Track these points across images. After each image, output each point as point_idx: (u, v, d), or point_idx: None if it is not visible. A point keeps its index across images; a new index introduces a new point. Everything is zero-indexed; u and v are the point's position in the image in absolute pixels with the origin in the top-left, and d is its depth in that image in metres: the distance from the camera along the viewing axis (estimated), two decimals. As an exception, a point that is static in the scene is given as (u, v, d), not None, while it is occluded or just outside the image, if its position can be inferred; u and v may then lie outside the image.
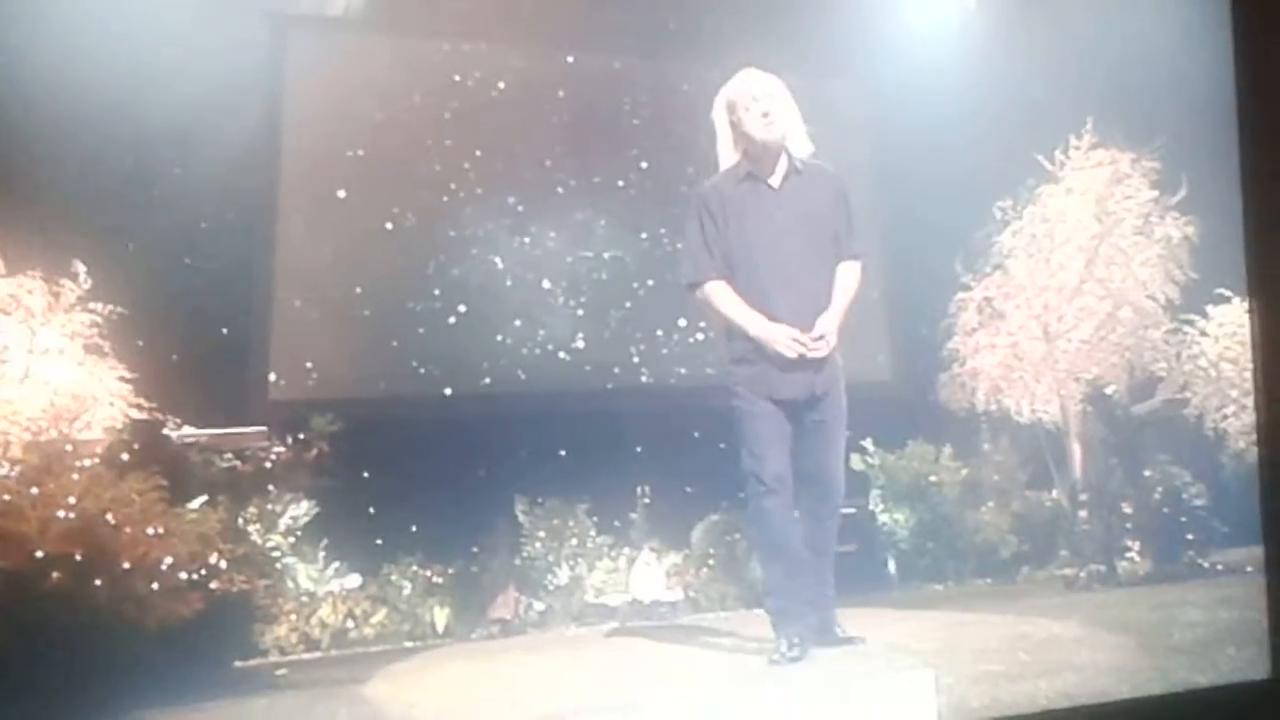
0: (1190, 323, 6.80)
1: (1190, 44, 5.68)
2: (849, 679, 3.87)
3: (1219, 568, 6.08)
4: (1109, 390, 6.76)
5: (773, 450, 4.40)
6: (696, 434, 4.47)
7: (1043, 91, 7.21)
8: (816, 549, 4.62)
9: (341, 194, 7.24)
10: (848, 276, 4.66)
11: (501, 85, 7.76)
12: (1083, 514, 6.63)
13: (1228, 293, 6.58)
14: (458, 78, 7.70)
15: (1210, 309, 6.73)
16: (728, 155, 4.66)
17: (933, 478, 7.33)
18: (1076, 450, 6.95)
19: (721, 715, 3.56)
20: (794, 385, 4.44)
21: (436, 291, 7.34)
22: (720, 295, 4.47)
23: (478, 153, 7.65)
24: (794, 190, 4.53)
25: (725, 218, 4.52)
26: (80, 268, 5.45)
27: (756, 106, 4.46)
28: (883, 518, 7.29)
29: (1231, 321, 6.60)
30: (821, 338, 4.43)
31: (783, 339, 4.32)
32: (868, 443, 7.51)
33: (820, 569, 4.64)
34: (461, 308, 7.34)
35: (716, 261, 4.44)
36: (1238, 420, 6.45)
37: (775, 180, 4.54)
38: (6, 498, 4.14)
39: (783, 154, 4.52)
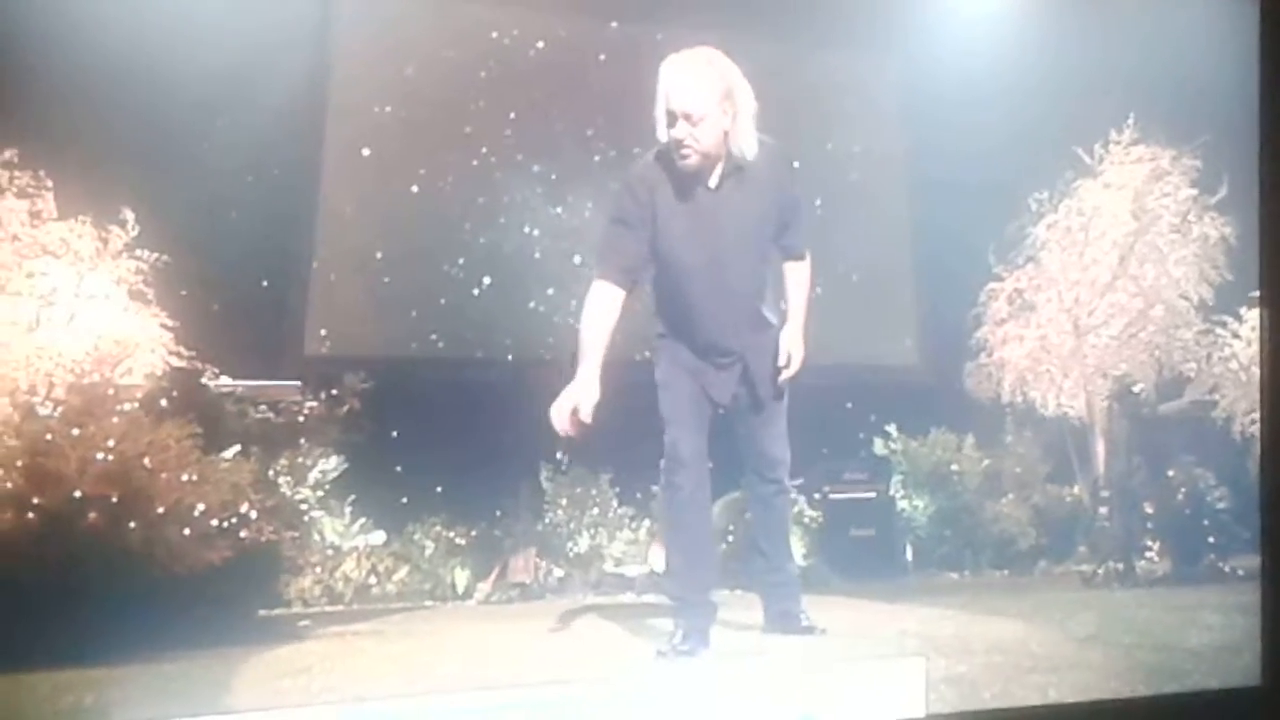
0: (1223, 324, 6.79)
1: (1234, 44, 5.66)
2: (838, 663, 3.89)
3: (1239, 573, 6.04)
4: (1136, 388, 6.75)
5: (689, 426, 4.17)
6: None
7: (1085, 84, 7.18)
8: (768, 532, 4.45)
9: (366, 152, 7.20)
10: (799, 279, 4.34)
11: (540, 45, 7.65)
12: (1103, 511, 6.65)
13: (1263, 295, 6.59)
14: (495, 34, 7.57)
15: (1244, 311, 6.71)
16: (663, 131, 4.12)
17: (954, 466, 7.34)
18: (1100, 446, 6.97)
19: (710, 690, 3.59)
20: (723, 390, 4.25)
21: (461, 261, 7.29)
22: (592, 303, 4.09)
23: (512, 115, 7.56)
24: (734, 188, 4.15)
25: (653, 215, 4.12)
26: (129, 215, 5.52)
27: (673, 130, 4.01)
28: (902, 504, 7.30)
29: (1265, 325, 6.61)
30: (787, 364, 4.25)
31: (555, 408, 3.93)
32: (891, 428, 7.53)
33: (775, 554, 4.47)
34: (487, 279, 7.31)
35: (618, 260, 4.11)
36: (1267, 425, 6.47)
37: (712, 180, 4.13)
38: (48, 437, 4.21)
39: (719, 157, 4.10)
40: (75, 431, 4.27)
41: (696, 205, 4.11)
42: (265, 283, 6.55)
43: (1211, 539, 6.29)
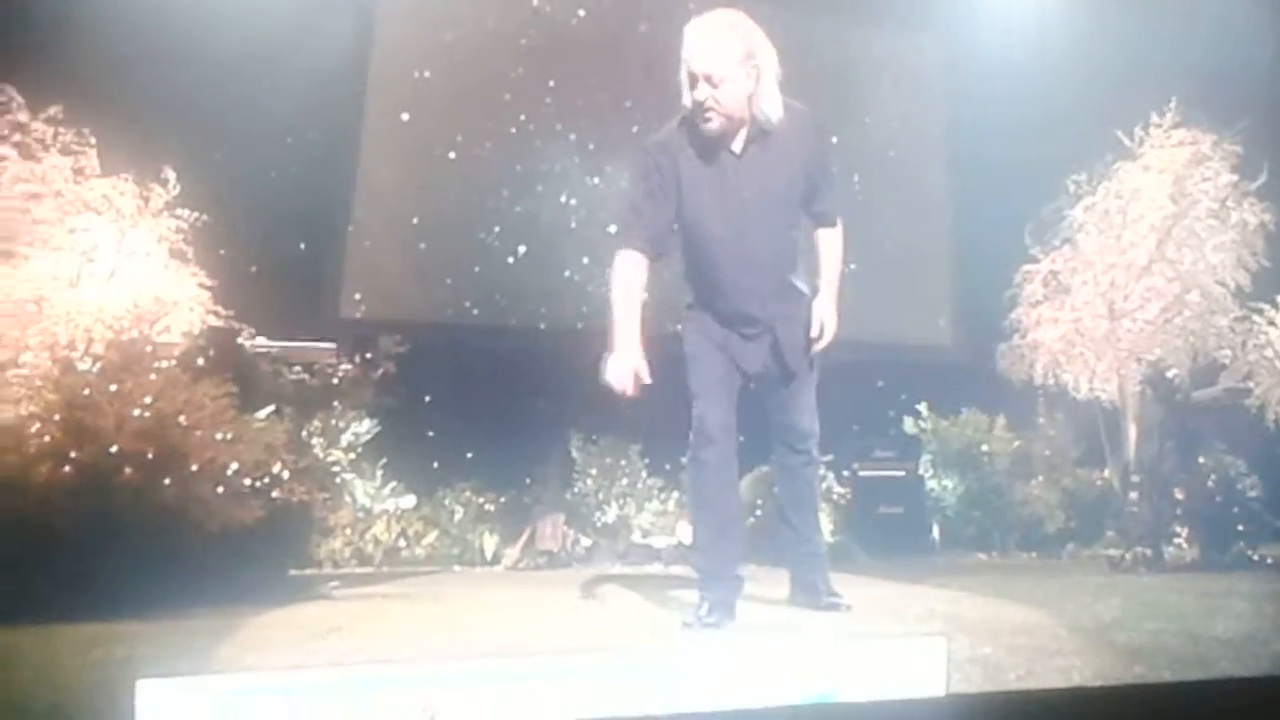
0: (1259, 311, 6.73)
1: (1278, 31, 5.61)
2: (860, 641, 3.88)
3: (1269, 562, 6.02)
4: (1170, 374, 6.71)
5: (717, 399, 4.04)
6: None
7: (1128, 67, 7.12)
8: (796, 504, 4.39)
9: (405, 117, 7.20)
10: (832, 247, 4.21)
11: (581, 14, 7.64)
12: (1133, 496, 6.61)
13: (1302, 283, 6.53)
14: (536, 2, 7.57)
15: (1281, 299, 6.69)
16: (686, 95, 4.05)
17: (985, 447, 7.34)
18: (1132, 431, 6.93)
19: (733, 663, 3.59)
20: (753, 360, 4.20)
21: (497, 228, 7.30)
22: (620, 271, 4.05)
23: (551, 84, 7.55)
24: (759, 155, 4.08)
25: (676, 182, 4.07)
26: (170, 174, 5.57)
27: (694, 93, 3.96)
28: (931, 483, 7.30)
29: (1304, 313, 6.57)
30: (819, 335, 4.20)
31: (614, 372, 3.88)
32: (922, 406, 7.53)
33: (803, 526, 4.42)
34: (522, 248, 7.31)
35: (644, 230, 4.05)
36: (1301, 414, 6.44)
37: (737, 145, 4.07)
38: (86, 392, 4.26)
39: (743, 120, 4.02)
40: (113, 387, 4.31)
41: (721, 170, 4.07)
42: (303, 245, 6.59)
43: (1241, 527, 6.26)
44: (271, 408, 5.11)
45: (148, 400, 4.31)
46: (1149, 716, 3.70)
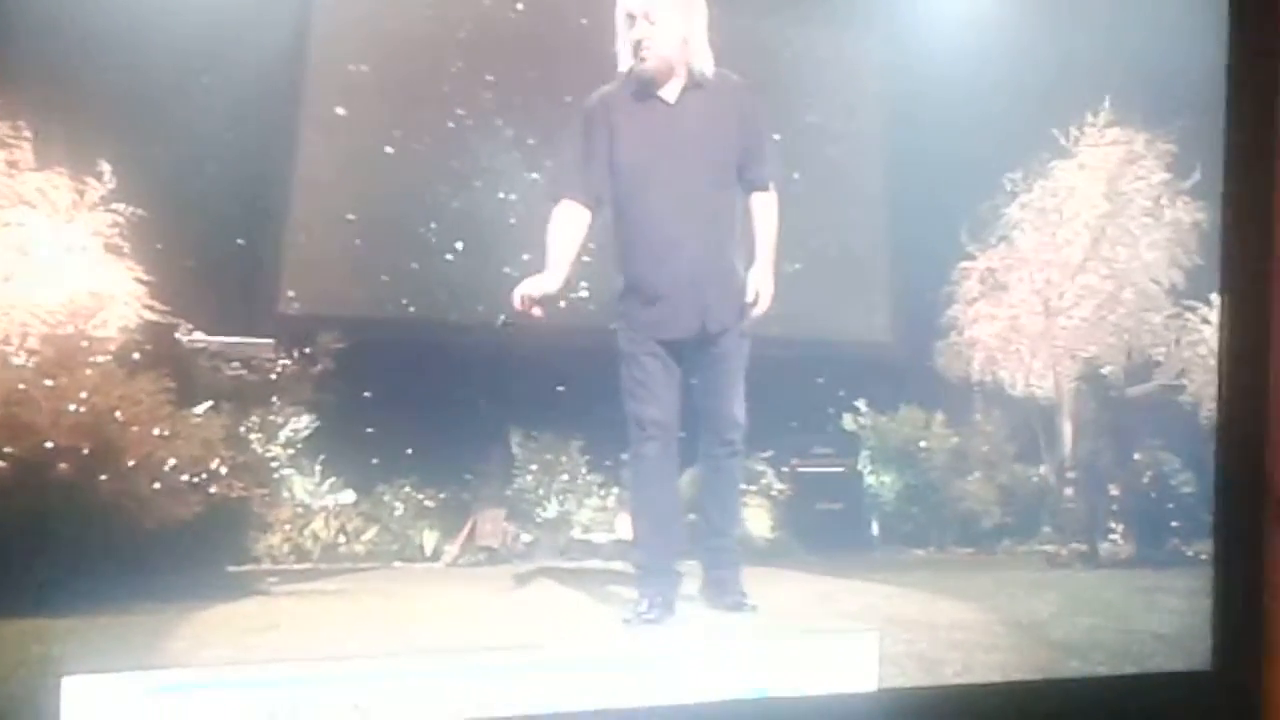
0: (1193, 309, 6.82)
1: (1210, 28, 5.67)
2: (796, 637, 3.91)
3: (1202, 557, 6.09)
4: (1105, 370, 6.78)
5: (655, 394, 4.18)
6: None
7: (1062, 66, 7.17)
8: (715, 496, 4.44)
9: (341, 111, 7.12)
10: (765, 213, 4.34)
11: (520, 7, 7.59)
12: (1069, 492, 6.68)
13: (1234, 281, 6.60)
14: (474, -6, 7.51)
15: (1213, 297, 6.75)
16: (624, 58, 4.35)
17: (923, 443, 7.37)
18: (1067, 428, 7.00)
19: (673, 659, 3.61)
20: (678, 325, 4.21)
21: (434, 224, 7.24)
22: (556, 219, 4.29)
23: (489, 78, 7.50)
24: (693, 106, 4.26)
25: (611, 135, 4.28)
26: (106, 167, 5.49)
27: (631, 32, 4.20)
28: (870, 479, 7.34)
29: (1236, 310, 6.64)
30: (754, 302, 4.22)
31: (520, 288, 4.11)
32: (861, 403, 7.56)
33: (719, 519, 4.45)
34: (460, 244, 7.26)
35: (579, 181, 4.22)
36: (1234, 411, 6.50)
37: (670, 94, 4.27)
38: (21, 387, 4.21)
39: (678, 68, 4.26)
40: (48, 382, 4.27)
41: (654, 117, 4.20)
42: (240, 240, 6.50)
43: (1175, 523, 6.34)
44: (209, 403, 5.07)
45: (83, 395, 4.28)
46: (1083, 711, 3.76)
